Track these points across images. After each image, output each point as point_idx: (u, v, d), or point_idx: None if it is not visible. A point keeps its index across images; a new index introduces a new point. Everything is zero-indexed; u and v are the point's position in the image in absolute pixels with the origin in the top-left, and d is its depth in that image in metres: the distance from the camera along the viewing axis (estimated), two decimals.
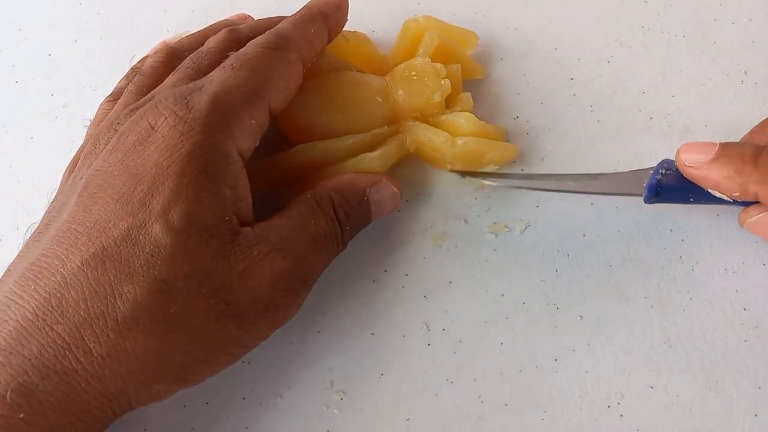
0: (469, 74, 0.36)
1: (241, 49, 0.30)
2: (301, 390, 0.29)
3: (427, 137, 0.32)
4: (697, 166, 0.28)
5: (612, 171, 0.31)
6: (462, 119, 0.33)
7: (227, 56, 0.30)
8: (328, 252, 0.29)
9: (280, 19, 0.33)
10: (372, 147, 0.32)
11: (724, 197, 0.28)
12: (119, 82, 0.34)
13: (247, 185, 0.28)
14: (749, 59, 0.36)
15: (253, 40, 0.30)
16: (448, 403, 0.29)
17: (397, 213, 0.33)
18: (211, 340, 0.26)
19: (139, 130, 0.27)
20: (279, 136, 0.33)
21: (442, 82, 0.33)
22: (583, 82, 0.36)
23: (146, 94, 0.30)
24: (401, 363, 0.30)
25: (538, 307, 0.30)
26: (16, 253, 0.27)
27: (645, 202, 0.29)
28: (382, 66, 0.35)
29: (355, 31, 0.35)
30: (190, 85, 0.28)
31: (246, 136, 0.28)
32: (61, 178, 0.30)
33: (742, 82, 0.35)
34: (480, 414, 0.29)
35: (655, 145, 0.34)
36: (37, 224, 0.28)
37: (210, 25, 0.35)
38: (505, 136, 0.34)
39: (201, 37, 0.33)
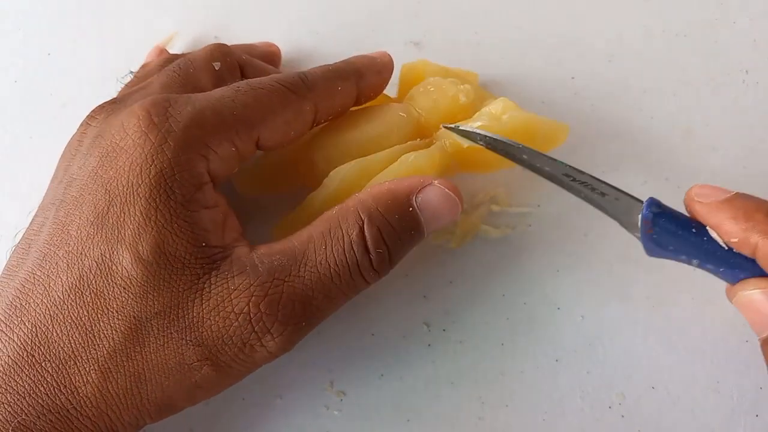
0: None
1: (258, 78, 0.28)
2: (301, 390, 0.29)
3: (469, 126, 0.29)
4: (706, 201, 0.26)
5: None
6: (499, 104, 0.30)
7: (212, 66, 0.29)
8: (344, 288, 0.25)
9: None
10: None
11: (719, 241, 0.26)
12: (120, 91, 0.33)
13: (223, 203, 0.26)
14: (750, 58, 0.36)
15: (274, 75, 0.29)
16: (448, 403, 0.29)
17: None
18: (188, 382, 0.24)
19: (112, 132, 0.26)
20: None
21: (462, 86, 0.31)
22: (583, 81, 0.36)
23: None
24: (401, 363, 0.30)
25: (538, 307, 0.30)
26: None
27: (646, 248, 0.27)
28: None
29: None
30: (182, 94, 0.27)
31: (221, 162, 0.26)
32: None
33: (744, 81, 0.35)
34: (480, 414, 0.29)
35: (657, 145, 0.34)
36: (24, 231, 0.27)
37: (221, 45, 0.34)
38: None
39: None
